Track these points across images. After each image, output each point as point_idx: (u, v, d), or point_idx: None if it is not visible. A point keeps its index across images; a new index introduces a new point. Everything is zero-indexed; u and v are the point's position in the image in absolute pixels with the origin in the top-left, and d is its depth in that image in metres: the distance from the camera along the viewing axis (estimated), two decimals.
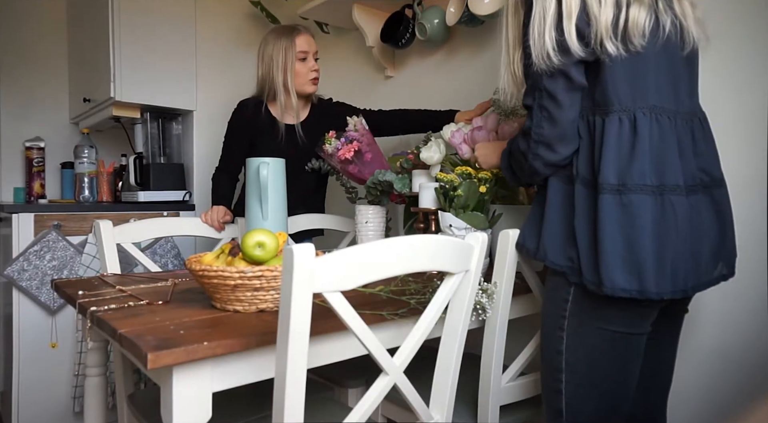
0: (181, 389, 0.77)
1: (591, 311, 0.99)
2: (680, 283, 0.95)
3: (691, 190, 0.98)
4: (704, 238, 0.99)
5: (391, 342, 1.00)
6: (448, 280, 0.92)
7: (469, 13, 1.75)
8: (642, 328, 1.00)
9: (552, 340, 1.04)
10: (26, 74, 2.48)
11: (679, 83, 1.01)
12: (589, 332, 1.00)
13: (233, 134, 1.90)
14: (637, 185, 0.93)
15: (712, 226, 1.01)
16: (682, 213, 0.94)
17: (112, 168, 2.43)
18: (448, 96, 2.05)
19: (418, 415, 0.97)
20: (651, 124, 0.95)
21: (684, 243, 0.95)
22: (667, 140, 0.96)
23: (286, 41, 1.84)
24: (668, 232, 0.93)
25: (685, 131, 1.00)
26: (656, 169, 0.94)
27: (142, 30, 2.14)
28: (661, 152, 0.95)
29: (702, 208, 1.00)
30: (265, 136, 1.88)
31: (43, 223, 1.97)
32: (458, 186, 1.32)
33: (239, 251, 0.98)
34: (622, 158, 0.94)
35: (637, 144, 0.94)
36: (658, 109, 0.96)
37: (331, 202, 2.66)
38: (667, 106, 0.98)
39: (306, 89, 1.88)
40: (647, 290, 0.92)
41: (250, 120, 1.87)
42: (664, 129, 0.96)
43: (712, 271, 1.01)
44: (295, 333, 0.70)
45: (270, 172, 1.44)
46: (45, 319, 1.97)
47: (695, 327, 1.35)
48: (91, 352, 1.22)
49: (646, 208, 0.92)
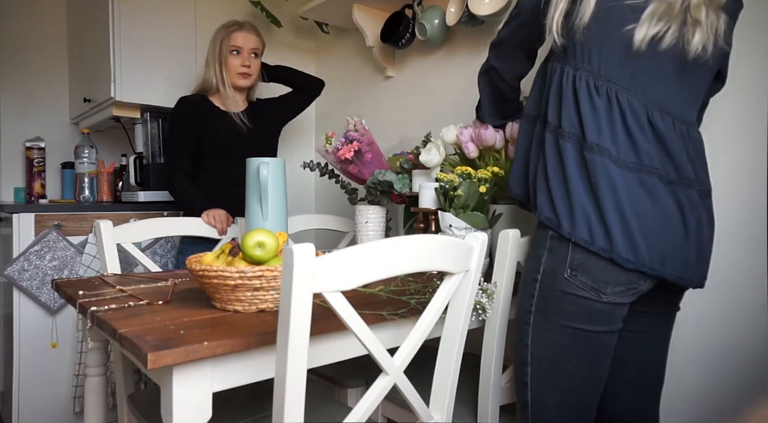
0: (181, 389, 0.77)
1: (553, 307, 1.01)
2: (644, 258, 0.95)
3: (669, 181, 0.99)
4: (679, 232, 0.99)
5: (391, 342, 1.00)
6: (448, 280, 0.92)
7: (469, 13, 1.75)
8: (605, 326, 1.00)
9: (520, 334, 1.07)
10: (26, 74, 2.48)
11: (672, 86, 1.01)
12: (552, 328, 1.02)
13: (179, 130, 1.92)
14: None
15: (692, 226, 1.01)
16: (659, 194, 0.97)
17: (112, 168, 2.43)
18: (448, 96, 2.05)
19: (418, 415, 0.97)
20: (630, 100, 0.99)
21: (657, 222, 0.96)
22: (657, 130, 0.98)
23: (223, 34, 1.93)
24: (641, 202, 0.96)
25: (672, 131, 1.00)
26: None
27: (142, 30, 2.14)
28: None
29: (686, 205, 1.00)
30: (208, 125, 1.92)
31: (43, 223, 1.97)
32: (458, 186, 1.32)
33: (239, 251, 0.98)
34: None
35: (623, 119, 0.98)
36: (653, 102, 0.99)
37: (330, 202, 2.66)
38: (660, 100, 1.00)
39: (236, 82, 1.95)
40: (616, 251, 0.95)
41: (192, 112, 1.92)
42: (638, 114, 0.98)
43: (678, 267, 1.00)
44: (295, 333, 0.70)
45: (270, 172, 1.44)
46: (45, 319, 1.97)
47: (695, 327, 1.35)
48: (91, 352, 1.22)
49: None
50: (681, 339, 1.37)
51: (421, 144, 1.76)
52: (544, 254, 1.03)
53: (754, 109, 1.27)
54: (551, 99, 1.05)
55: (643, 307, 1.07)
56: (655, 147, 0.98)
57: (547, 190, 1.03)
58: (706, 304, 1.33)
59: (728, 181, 1.30)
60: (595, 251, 0.96)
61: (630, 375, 1.13)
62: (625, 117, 0.97)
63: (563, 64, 1.04)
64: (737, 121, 1.30)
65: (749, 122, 1.28)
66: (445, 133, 1.55)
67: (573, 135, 1.00)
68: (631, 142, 0.97)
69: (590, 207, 0.97)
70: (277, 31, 2.55)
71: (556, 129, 1.03)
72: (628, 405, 1.14)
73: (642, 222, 0.95)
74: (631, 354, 1.12)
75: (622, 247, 0.95)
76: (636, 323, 1.09)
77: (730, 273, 1.30)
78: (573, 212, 0.98)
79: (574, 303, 0.99)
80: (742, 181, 1.28)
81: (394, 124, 2.28)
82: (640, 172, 0.96)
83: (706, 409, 1.34)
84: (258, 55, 1.99)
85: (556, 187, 1.01)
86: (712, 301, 1.32)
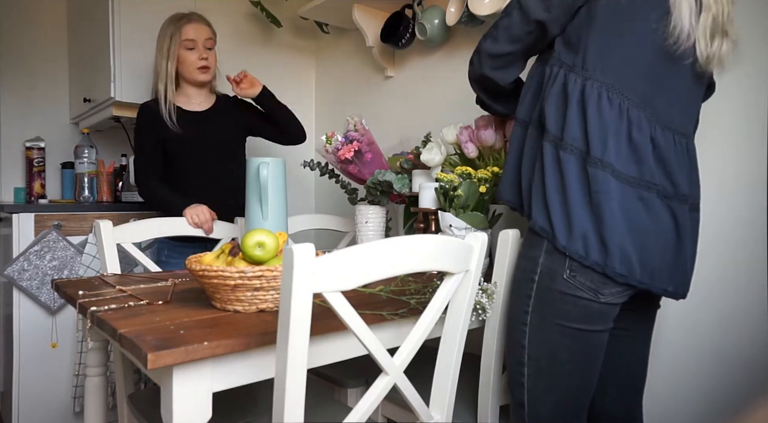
0: (181, 389, 0.77)
1: (551, 307, 1.01)
2: (636, 272, 0.95)
3: (666, 196, 0.98)
4: (672, 247, 1.00)
5: (391, 342, 1.00)
6: (448, 280, 0.92)
7: (469, 13, 1.75)
8: (602, 325, 1.01)
9: (516, 335, 1.06)
10: (26, 74, 2.47)
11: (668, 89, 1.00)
12: (550, 328, 1.01)
13: (145, 137, 1.83)
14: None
15: (685, 241, 1.01)
16: (655, 208, 0.96)
17: (112, 168, 2.43)
18: (448, 96, 2.05)
19: (418, 415, 0.97)
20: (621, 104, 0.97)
21: (646, 235, 0.96)
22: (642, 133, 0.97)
23: (173, 28, 1.82)
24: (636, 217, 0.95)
25: (672, 146, 1.00)
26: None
27: (142, 30, 2.14)
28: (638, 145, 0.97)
29: (680, 220, 1.00)
30: (173, 128, 1.81)
31: (43, 223, 1.97)
32: (458, 186, 1.32)
33: (239, 251, 0.98)
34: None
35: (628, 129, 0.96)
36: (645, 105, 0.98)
37: (330, 202, 2.66)
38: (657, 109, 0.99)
39: (196, 78, 1.85)
40: (610, 266, 0.94)
41: (155, 117, 1.82)
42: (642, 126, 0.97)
43: (664, 279, 1.00)
44: (295, 333, 0.70)
45: (270, 172, 1.44)
46: (45, 319, 1.97)
47: (694, 327, 1.35)
48: (91, 352, 1.22)
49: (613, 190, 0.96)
50: (680, 339, 1.37)
51: (420, 144, 1.76)
52: (541, 255, 1.02)
53: (755, 108, 1.27)
54: (551, 106, 1.02)
55: (629, 306, 1.07)
56: (656, 162, 0.97)
57: (544, 200, 1.00)
58: (706, 304, 1.33)
59: (728, 180, 1.30)
60: (588, 265, 0.96)
61: (618, 372, 1.14)
62: (632, 132, 0.96)
63: (568, 71, 1.00)
64: (738, 120, 1.30)
65: (750, 121, 1.28)
66: (445, 133, 1.55)
67: (576, 149, 0.97)
68: (635, 157, 0.95)
69: (588, 221, 0.95)
70: (277, 31, 2.55)
71: (556, 140, 1.00)
72: (617, 402, 1.16)
73: (638, 237, 0.95)
74: (619, 351, 1.13)
75: (617, 263, 0.94)
76: (624, 321, 1.09)
77: (730, 273, 1.30)
78: (570, 225, 0.97)
79: (573, 303, 0.99)
80: (743, 180, 1.28)
81: (394, 124, 2.28)
82: (639, 187, 0.96)
83: (705, 409, 1.34)
84: (213, 47, 1.89)
85: (554, 199, 0.99)
86: (711, 301, 1.32)
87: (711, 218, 1.32)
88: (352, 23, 2.17)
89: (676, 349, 1.38)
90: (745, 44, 1.27)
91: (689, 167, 1.04)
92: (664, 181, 0.98)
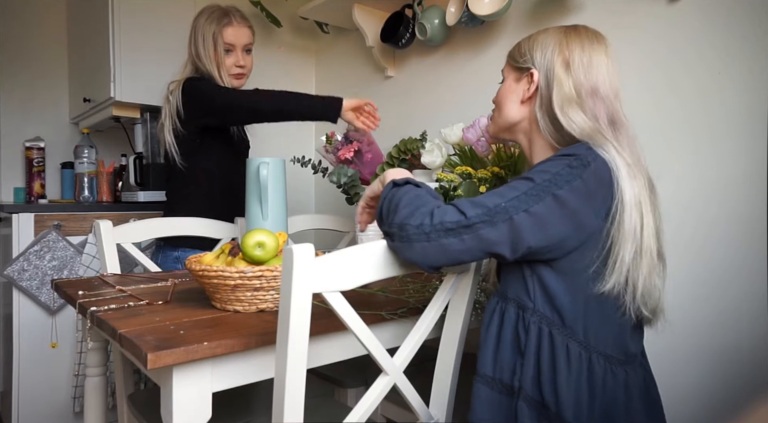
0: (181, 389, 0.77)
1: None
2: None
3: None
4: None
5: (391, 342, 1.00)
6: (448, 280, 0.92)
7: (469, 13, 1.75)
8: None
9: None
10: (26, 74, 2.47)
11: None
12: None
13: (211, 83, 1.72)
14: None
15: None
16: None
17: (112, 168, 2.43)
18: (448, 96, 2.05)
19: (418, 415, 0.97)
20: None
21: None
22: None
23: (215, 27, 1.73)
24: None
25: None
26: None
27: (142, 30, 2.14)
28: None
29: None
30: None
31: (43, 223, 1.97)
32: (458, 186, 1.32)
33: (239, 251, 0.98)
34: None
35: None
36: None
37: (330, 202, 2.66)
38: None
39: (230, 82, 1.78)
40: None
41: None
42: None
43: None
44: (295, 333, 0.70)
45: (270, 172, 1.44)
46: (45, 319, 1.97)
47: (694, 327, 1.35)
48: (91, 352, 1.22)
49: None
50: (679, 339, 1.37)
51: (419, 144, 1.75)
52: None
53: (755, 108, 1.27)
54: (529, 367, 0.88)
55: None
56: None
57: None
58: (706, 304, 1.33)
59: (728, 180, 1.30)
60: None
61: None
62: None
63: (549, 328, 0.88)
64: (738, 119, 1.30)
65: (750, 121, 1.28)
66: (448, 133, 1.54)
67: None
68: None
69: None
70: (277, 31, 2.55)
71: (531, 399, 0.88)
72: None
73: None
74: None
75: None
76: None
77: (730, 273, 1.30)
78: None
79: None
80: (743, 180, 1.28)
81: (394, 124, 2.28)
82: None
83: (705, 408, 1.34)
84: (251, 51, 1.82)
85: None
86: (711, 301, 1.32)
87: (711, 218, 1.32)
88: (352, 23, 2.17)
89: (675, 349, 1.38)
90: (745, 44, 1.27)
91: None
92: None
